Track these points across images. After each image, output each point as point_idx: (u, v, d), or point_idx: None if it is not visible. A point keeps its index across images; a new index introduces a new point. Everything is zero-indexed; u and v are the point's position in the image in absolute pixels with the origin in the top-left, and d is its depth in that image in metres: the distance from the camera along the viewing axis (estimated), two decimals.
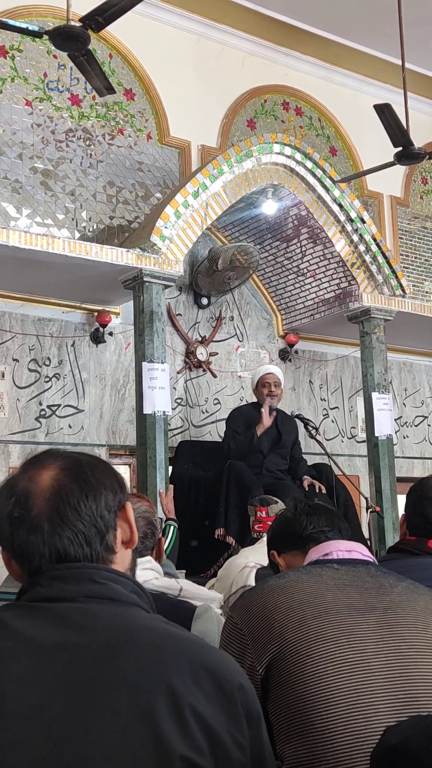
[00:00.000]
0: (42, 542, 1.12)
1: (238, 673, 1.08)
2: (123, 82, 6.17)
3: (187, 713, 0.98)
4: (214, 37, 6.68)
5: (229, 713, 1.02)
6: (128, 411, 5.93)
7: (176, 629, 1.10)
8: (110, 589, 1.10)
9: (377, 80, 7.38)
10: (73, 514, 1.12)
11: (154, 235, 5.32)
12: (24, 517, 1.12)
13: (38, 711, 0.97)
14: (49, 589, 1.10)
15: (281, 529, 1.99)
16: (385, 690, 1.40)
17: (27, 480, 1.15)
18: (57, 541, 1.12)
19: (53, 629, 1.05)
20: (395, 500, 5.94)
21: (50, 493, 1.13)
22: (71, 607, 1.07)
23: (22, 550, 1.13)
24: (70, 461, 1.17)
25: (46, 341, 5.80)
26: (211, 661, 1.05)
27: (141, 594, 1.14)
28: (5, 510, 1.14)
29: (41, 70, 5.80)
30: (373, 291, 6.32)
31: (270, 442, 5.64)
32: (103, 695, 0.98)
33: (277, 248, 6.66)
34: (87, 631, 1.04)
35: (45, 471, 1.16)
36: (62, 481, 1.14)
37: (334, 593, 1.54)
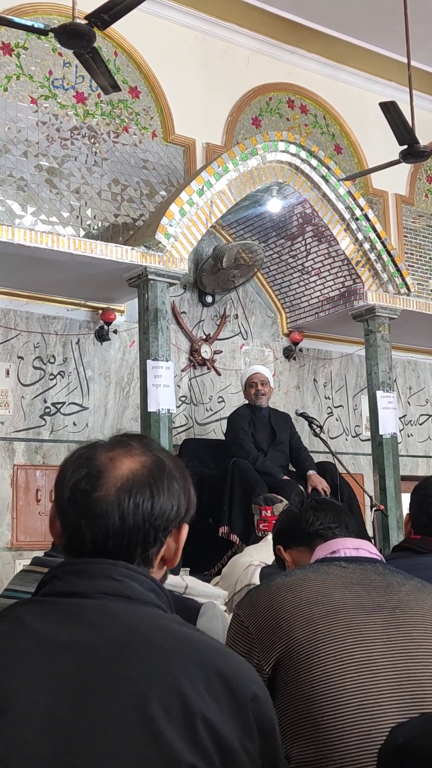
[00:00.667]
0: (89, 528, 1.11)
1: (254, 681, 1.05)
2: (128, 79, 6.16)
3: (197, 722, 0.96)
4: (220, 34, 6.67)
5: (242, 723, 0.99)
6: (133, 409, 5.93)
7: (192, 631, 1.07)
8: (127, 587, 1.08)
9: (383, 78, 7.36)
10: (131, 513, 1.11)
11: (158, 233, 5.32)
12: (87, 494, 1.12)
13: (47, 711, 0.96)
14: (66, 583, 1.09)
15: (288, 524, 1.98)
16: (392, 689, 1.40)
17: (107, 459, 1.15)
18: (101, 533, 1.11)
19: (66, 626, 1.03)
20: (399, 499, 5.94)
21: (121, 483, 1.12)
22: (86, 604, 1.06)
23: (70, 522, 1.13)
24: (156, 462, 1.16)
25: (50, 339, 5.80)
26: (226, 668, 1.03)
27: (160, 593, 1.12)
28: (74, 477, 1.14)
29: (46, 68, 5.80)
30: (378, 289, 6.32)
31: (267, 441, 5.70)
32: (112, 698, 0.96)
33: (282, 246, 6.66)
34: (100, 630, 1.02)
35: (128, 459, 1.15)
36: (138, 477, 1.13)
37: (341, 592, 1.53)
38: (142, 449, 1.17)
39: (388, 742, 1.01)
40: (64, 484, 1.14)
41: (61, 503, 1.14)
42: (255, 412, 5.78)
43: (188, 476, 1.20)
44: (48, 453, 5.65)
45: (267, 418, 5.82)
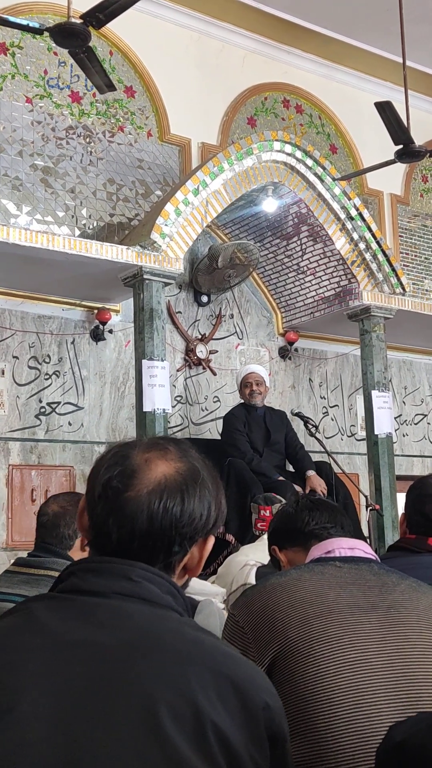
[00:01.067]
0: (116, 526, 1.11)
1: (266, 690, 1.04)
2: (123, 79, 6.16)
3: (207, 729, 0.94)
4: (215, 34, 6.67)
5: (251, 732, 0.98)
6: (128, 408, 5.93)
7: (207, 636, 1.06)
8: (144, 589, 1.07)
9: (378, 78, 7.37)
10: (160, 517, 1.10)
11: (154, 233, 5.31)
12: (118, 492, 1.11)
13: (53, 710, 0.95)
14: (83, 581, 1.08)
15: (283, 524, 1.97)
16: (387, 689, 1.40)
17: (143, 461, 1.14)
18: (127, 533, 1.10)
19: (78, 625, 1.03)
20: (395, 498, 5.94)
21: (154, 486, 1.11)
22: (101, 603, 1.05)
23: (98, 519, 1.12)
24: (190, 469, 1.15)
25: (46, 339, 5.79)
26: (239, 676, 1.01)
27: (177, 596, 1.11)
28: (108, 474, 1.13)
29: (42, 67, 5.79)
30: (373, 289, 6.32)
31: (262, 441, 5.70)
32: (120, 700, 0.95)
33: (277, 246, 6.66)
34: (112, 630, 1.02)
35: (163, 462, 1.14)
36: (171, 482, 1.12)
37: (336, 592, 1.53)
38: (178, 455, 1.16)
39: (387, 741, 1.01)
40: (97, 479, 1.14)
41: (91, 498, 1.14)
42: (250, 412, 5.78)
43: (221, 488, 1.19)
44: (43, 453, 5.64)
45: (262, 417, 5.81)
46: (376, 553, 1.77)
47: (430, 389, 7.91)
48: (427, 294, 7.56)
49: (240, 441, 5.58)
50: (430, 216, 7.88)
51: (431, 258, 7.77)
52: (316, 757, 1.36)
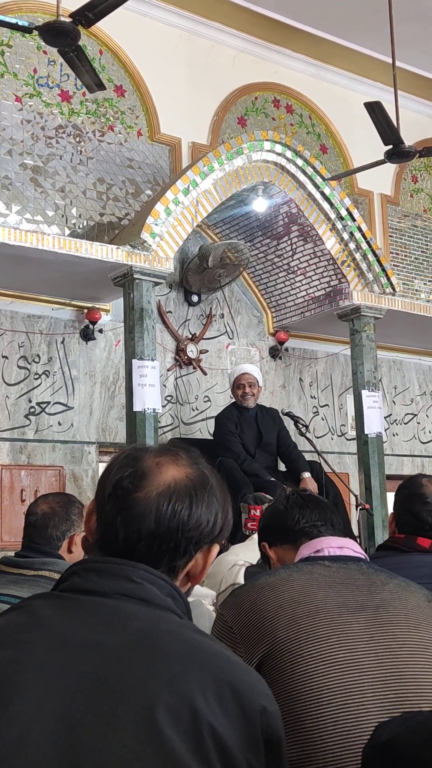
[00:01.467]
0: (123, 526, 1.12)
1: (263, 694, 1.05)
2: (113, 78, 6.15)
3: (204, 732, 0.95)
4: (205, 33, 6.67)
5: (248, 736, 0.99)
6: (118, 408, 5.92)
7: (206, 639, 1.07)
8: (145, 590, 1.08)
9: (368, 78, 7.38)
10: (167, 519, 1.11)
11: (144, 232, 5.31)
12: (128, 492, 1.13)
13: (56, 708, 0.96)
14: (84, 580, 1.09)
15: (273, 521, 1.96)
16: (375, 689, 1.40)
17: (154, 464, 1.16)
18: (134, 533, 1.11)
19: (81, 624, 1.04)
20: (385, 498, 5.95)
21: (163, 489, 1.13)
22: (103, 603, 1.06)
23: (106, 517, 1.14)
24: (200, 476, 1.17)
25: (35, 338, 5.78)
26: (237, 679, 1.02)
27: (177, 598, 1.11)
28: (118, 475, 1.15)
29: (31, 66, 5.77)
30: (363, 289, 6.33)
31: (254, 443, 5.69)
32: (121, 701, 0.96)
33: (268, 246, 6.66)
34: (114, 631, 1.02)
35: (173, 467, 1.16)
36: (180, 486, 1.14)
37: (325, 591, 1.53)
38: (189, 461, 1.18)
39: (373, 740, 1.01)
40: (108, 479, 1.16)
41: (101, 498, 1.16)
42: (242, 413, 5.77)
43: (229, 498, 1.21)
44: (33, 453, 5.63)
45: (254, 418, 5.79)
46: (365, 553, 1.77)
47: (419, 389, 7.93)
48: (416, 294, 7.58)
49: (233, 443, 5.57)
50: (420, 216, 7.90)
51: (421, 258, 7.79)
52: (304, 757, 1.36)
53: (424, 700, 1.40)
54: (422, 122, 7.82)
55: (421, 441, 7.83)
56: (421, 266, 7.76)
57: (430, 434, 7.93)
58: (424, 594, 1.62)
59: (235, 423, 5.68)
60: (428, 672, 1.44)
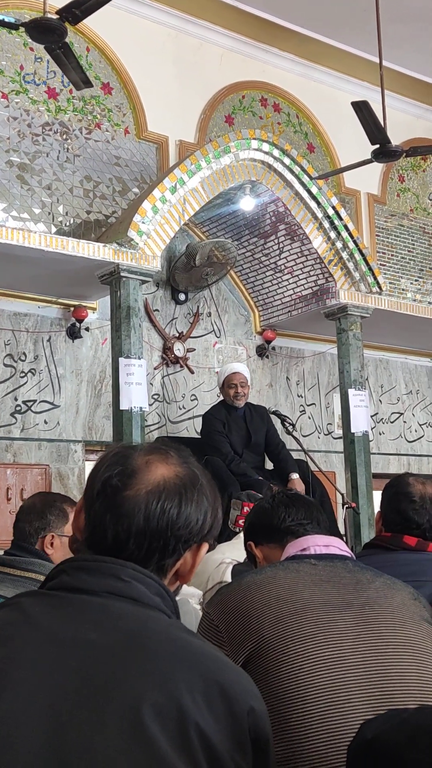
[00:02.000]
0: (112, 524, 1.11)
1: (251, 694, 1.05)
2: (100, 76, 6.13)
3: (191, 732, 0.95)
4: (193, 32, 6.66)
5: (235, 736, 0.99)
6: (105, 407, 5.90)
7: (194, 639, 1.07)
8: (134, 589, 1.08)
9: (355, 78, 7.39)
10: (156, 517, 1.11)
11: (131, 230, 5.29)
12: (117, 490, 1.13)
13: (44, 705, 0.96)
14: (73, 579, 1.09)
15: (259, 519, 1.95)
16: (361, 687, 1.40)
17: (143, 462, 1.15)
18: (123, 531, 1.11)
19: (70, 622, 1.03)
20: (371, 496, 5.97)
21: (152, 487, 1.13)
22: (91, 601, 1.06)
23: (95, 515, 1.13)
24: (189, 475, 1.16)
25: (21, 336, 5.75)
26: (225, 679, 1.02)
27: (166, 597, 1.11)
28: (107, 473, 1.14)
29: (17, 63, 5.74)
30: (350, 288, 6.35)
31: (242, 442, 5.67)
32: (109, 700, 0.96)
33: (255, 244, 6.66)
34: (102, 630, 1.02)
35: (163, 465, 1.15)
36: (170, 484, 1.14)
37: (311, 589, 1.53)
38: (179, 460, 1.18)
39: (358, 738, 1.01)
40: (97, 477, 1.16)
41: (90, 495, 1.15)
42: (230, 412, 5.73)
43: (218, 498, 1.21)
44: (19, 451, 5.60)
45: (242, 417, 5.75)
46: (352, 551, 1.77)
47: (406, 388, 7.96)
48: (403, 293, 7.61)
49: (220, 443, 5.54)
50: (407, 215, 7.93)
51: (407, 257, 7.82)
52: (290, 755, 1.36)
53: (410, 698, 1.40)
54: (409, 122, 7.85)
55: (407, 440, 7.86)
56: (408, 266, 7.78)
57: (416, 433, 7.96)
58: (410, 592, 1.62)
59: (223, 422, 5.65)
60: (414, 669, 1.44)
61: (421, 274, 7.85)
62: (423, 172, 8.17)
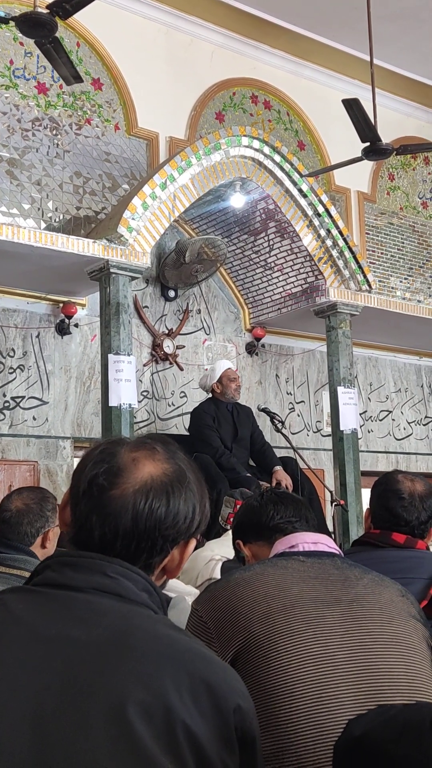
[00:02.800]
0: (99, 524, 1.10)
1: (238, 692, 1.04)
2: (91, 71, 6.11)
3: (178, 730, 0.95)
4: (184, 28, 6.64)
5: (222, 734, 0.98)
6: (94, 403, 5.89)
7: (181, 636, 1.06)
8: (120, 585, 1.07)
9: (346, 76, 7.40)
10: (144, 517, 1.10)
11: (121, 227, 5.28)
12: (103, 489, 1.11)
13: (28, 703, 0.95)
14: (59, 575, 1.08)
15: (247, 518, 1.96)
16: (349, 683, 1.40)
17: (130, 460, 1.14)
18: (110, 532, 1.10)
19: (54, 619, 1.02)
20: (359, 494, 5.98)
21: (140, 486, 1.11)
22: (76, 598, 1.05)
23: (81, 515, 1.12)
24: (177, 471, 1.15)
25: (10, 332, 5.73)
26: (212, 677, 1.01)
27: (153, 593, 1.11)
28: (93, 471, 1.13)
29: (7, 57, 5.71)
30: (340, 286, 6.35)
31: (230, 437, 5.70)
32: (94, 697, 0.95)
33: (245, 242, 6.66)
34: (88, 627, 1.01)
35: (150, 463, 1.14)
36: (157, 483, 1.12)
37: (299, 586, 1.53)
38: (166, 456, 1.16)
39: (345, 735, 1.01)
40: (83, 475, 1.14)
41: (75, 493, 1.14)
42: (219, 407, 5.76)
43: (206, 492, 1.20)
44: (7, 447, 5.58)
45: (230, 413, 5.81)
46: (340, 548, 1.77)
47: (394, 386, 7.98)
48: (392, 291, 7.62)
49: (210, 437, 5.56)
50: (397, 214, 7.94)
51: (397, 256, 7.83)
52: (278, 751, 1.36)
53: (398, 694, 1.40)
54: (399, 120, 7.86)
55: (395, 438, 7.88)
56: (397, 264, 7.80)
57: (405, 431, 7.99)
58: (398, 589, 1.63)
59: (213, 417, 5.68)
60: (401, 666, 1.45)
61: (411, 272, 7.87)
62: (413, 171, 8.18)
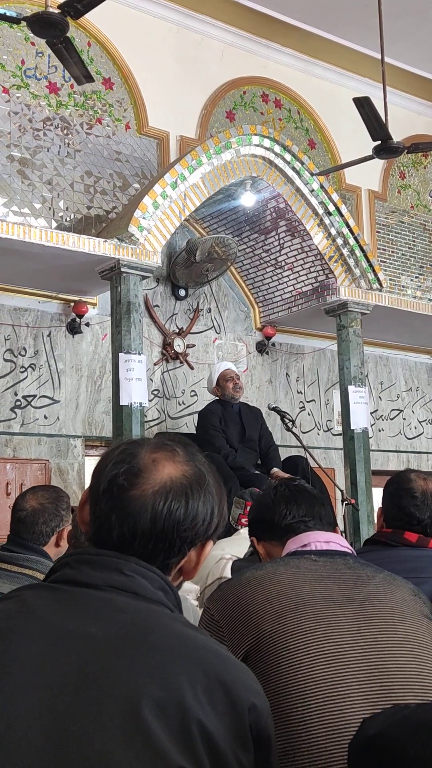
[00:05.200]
0: (118, 524, 1.11)
1: (253, 691, 1.04)
2: (101, 71, 6.12)
3: (193, 727, 0.95)
4: (194, 27, 6.64)
5: (237, 733, 0.99)
6: (104, 402, 5.90)
7: (197, 634, 1.07)
8: (136, 583, 1.08)
9: (357, 74, 7.38)
10: (163, 518, 1.10)
11: (131, 226, 5.29)
12: (123, 489, 1.11)
13: (45, 697, 0.96)
14: (76, 572, 1.09)
15: (261, 515, 1.93)
16: (360, 682, 1.40)
17: (150, 461, 1.14)
18: (129, 531, 1.10)
19: (72, 615, 1.03)
20: (370, 493, 5.98)
21: (159, 487, 1.12)
22: (94, 595, 1.06)
23: (100, 513, 1.12)
24: (196, 474, 1.15)
25: (22, 331, 5.75)
26: (228, 675, 1.02)
27: (168, 592, 1.11)
28: (113, 471, 1.13)
29: (19, 57, 5.73)
30: (351, 284, 6.34)
31: (237, 438, 5.70)
32: (110, 694, 0.96)
33: (255, 240, 6.66)
34: (104, 624, 1.02)
35: (170, 464, 1.14)
36: (177, 485, 1.12)
37: (311, 585, 1.53)
38: (186, 458, 1.16)
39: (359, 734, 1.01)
40: (103, 475, 1.14)
41: (95, 493, 1.14)
42: (226, 408, 5.77)
43: (224, 495, 1.20)
44: (18, 446, 5.60)
45: (237, 414, 5.81)
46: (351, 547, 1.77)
47: (405, 385, 7.96)
48: (403, 290, 7.60)
49: (216, 437, 5.57)
50: (408, 212, 7.92)
51: (408, 254, 7.81)
52: (290, 749, 1.36)
53: (409, 692, 1.40)
54: (410, 118, 7.84)
55: (406, 437, 7.86)
56: (408, 262, 7.78)
57: (416, 430, 7.97)
58: (410, 588, 1.62)
59: (220, 418, 5.68)
60: (413, 665, 1.45)
61: (422, 270, 7.85)
62: (424, 169, 8.16)
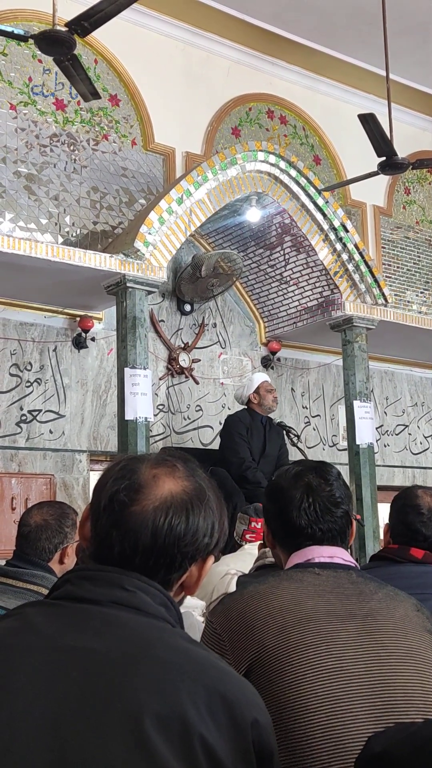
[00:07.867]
0: (119, 540, 1.11)
1: (255, 706, 1.04)
2: (108, 87, 6.16)
3: (195, 742, 0.95)
4: (200, 44, 6.70)
5: (239, 748, 0.98)
6: (110, 417, 5.90)
7: (199, 649, 1.07)
8: (138, 599, 1.08)
9: (362, 90, 7.43)
10: (164, 534, 1.11)
11: (137, 241, 5.31)
12: (124, 505, 1.12)
13: (46, 713, 0.95)
14: (78, 588, 1.09)
15: (274, 501, 1.78)
16: (363, 698, 1.39)
17: (150, 477, 1.14)
18: (130, 548, 1.10)
19: (73, 631, 1.03)
20: (376, 508, 5.95)
21: (160, 503, 1.12)
22: (95, 611, 1.06)
23: (101, 530, 1.13)
24: (197, 489, 1.15)
25: (27, 346, 5.76)
26: (229, 691, 1.01)
27: (170, 607, 1.11)
28: (114, 487, 1.13)
29: (26, 75, 5.78)
30: (356, 300, 6.35)
31: (259, 451, 5.69)
32: (111, 709, 0.95)
33: (261, 256, 6.67)
34: (106, 639, 1.02)
35: (170, 480, 1.14)
36: (177, 500, 1.13)
37: (314, 600, 1.53)
38: (186, 473, 1.17)
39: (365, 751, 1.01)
40: (104, 491, 1.15)
41: (96, 509, 1.15)
42: (254, 419, 5.76)
43: (225, 510, 1.20)
44: (24, 461, 5.60)
45: (263, 427, 5.80)
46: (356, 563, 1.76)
47: (411, 400, 7.94)
48: (408, 305, 7.61)
49: (241, 446, 5.58)
50: (413, 228, 7.93)
51: (413, 269, 7.82)
52: (292, 765, 1.35)
53: (413, 708, 1.39)
54: (415, 134, 7.87)
55: (412, 452, 7.84)
56: (413, 277, 7.79)
57: (422, 445, 7.94)
58: (413, 603, 1.61)
59: (247, 427, 5.67)
60: (415, 680, 1.44)
61: (427, 286, 7.86)
62: (429, 185, 8.18)
